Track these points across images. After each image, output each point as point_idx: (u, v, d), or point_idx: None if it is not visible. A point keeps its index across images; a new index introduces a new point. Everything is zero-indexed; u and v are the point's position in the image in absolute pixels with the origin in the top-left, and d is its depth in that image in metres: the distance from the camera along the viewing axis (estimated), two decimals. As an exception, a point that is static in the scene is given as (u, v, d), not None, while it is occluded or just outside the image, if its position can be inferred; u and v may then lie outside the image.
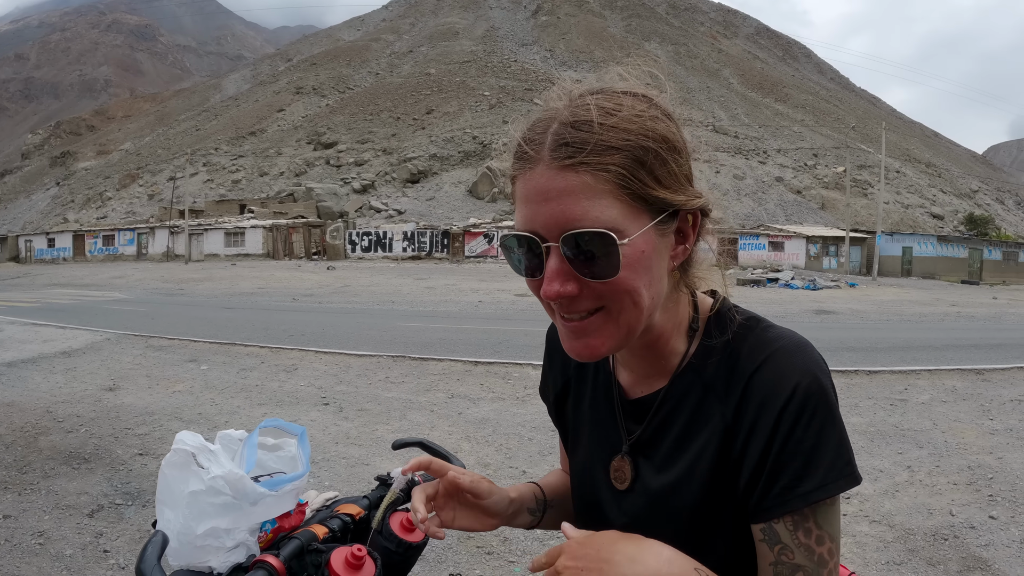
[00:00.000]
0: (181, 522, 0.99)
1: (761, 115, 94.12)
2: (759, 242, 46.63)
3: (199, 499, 0.98)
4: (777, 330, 0.91)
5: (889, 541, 4.02)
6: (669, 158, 0.81)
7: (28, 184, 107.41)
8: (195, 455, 1.01)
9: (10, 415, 6.33)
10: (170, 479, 1.01)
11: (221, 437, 1.09)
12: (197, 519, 0.98)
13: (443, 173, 66.96)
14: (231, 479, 0.98)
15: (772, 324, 0.93)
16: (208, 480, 0.97)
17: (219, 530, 0.98)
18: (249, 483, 1.00)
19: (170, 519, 1.01)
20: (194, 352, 10.23)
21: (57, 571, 3.57)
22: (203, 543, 0.98)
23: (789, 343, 0.87)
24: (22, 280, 33.58)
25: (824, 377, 0.84)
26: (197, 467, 1.00)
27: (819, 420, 0.82)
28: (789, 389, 0.82)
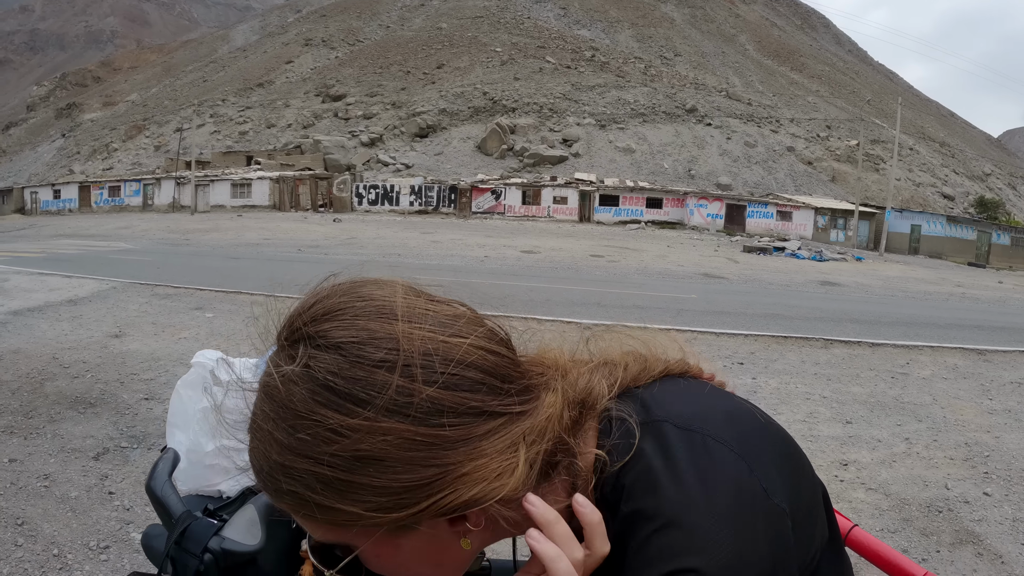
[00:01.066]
0: (192, 440, 0.97)
1: (776, 83, 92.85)
2: (767, 211, 46.35)
3: (207, 417, 0.96)
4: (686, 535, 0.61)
5: (884, 509, 4.07)
6: (349, 480, 0.60)
7: (33, 136, 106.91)
8: (213, 371, 0.99)
9: (16, 362, 6.35)
10: (184, 399, 1.00)
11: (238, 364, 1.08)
12: (208, 436, 0.96)
13: (452, 128, 66.42)
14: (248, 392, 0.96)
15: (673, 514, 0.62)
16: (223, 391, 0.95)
17: (230, 448, 0.96)
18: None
19: (181, 441, 0.99)
20: (200, 300, 10.27)
21: (62, 513, 3.61)
22: (213, 462, 0.96)
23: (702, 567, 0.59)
24: (28, 231, 33.57)
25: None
26: (213, 384, 0.98)
27: None
28: None
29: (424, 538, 0.66)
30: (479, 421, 0.62)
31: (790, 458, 0.72)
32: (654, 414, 0.70)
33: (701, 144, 64.33)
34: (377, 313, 0.63)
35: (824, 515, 0.79)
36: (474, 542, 0.69)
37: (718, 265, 23.79)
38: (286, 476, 0.61)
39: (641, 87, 74.88)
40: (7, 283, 11.38)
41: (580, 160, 59.94)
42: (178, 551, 0.87)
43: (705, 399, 0.75)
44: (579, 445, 0.70)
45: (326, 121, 71.53)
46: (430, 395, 0.60)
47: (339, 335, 0.62)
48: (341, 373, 0.59)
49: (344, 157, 58.28)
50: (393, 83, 78.80)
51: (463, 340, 0.64)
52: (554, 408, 0.68)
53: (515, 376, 0.67)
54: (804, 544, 0.70)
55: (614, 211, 48.79)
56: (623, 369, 0.78)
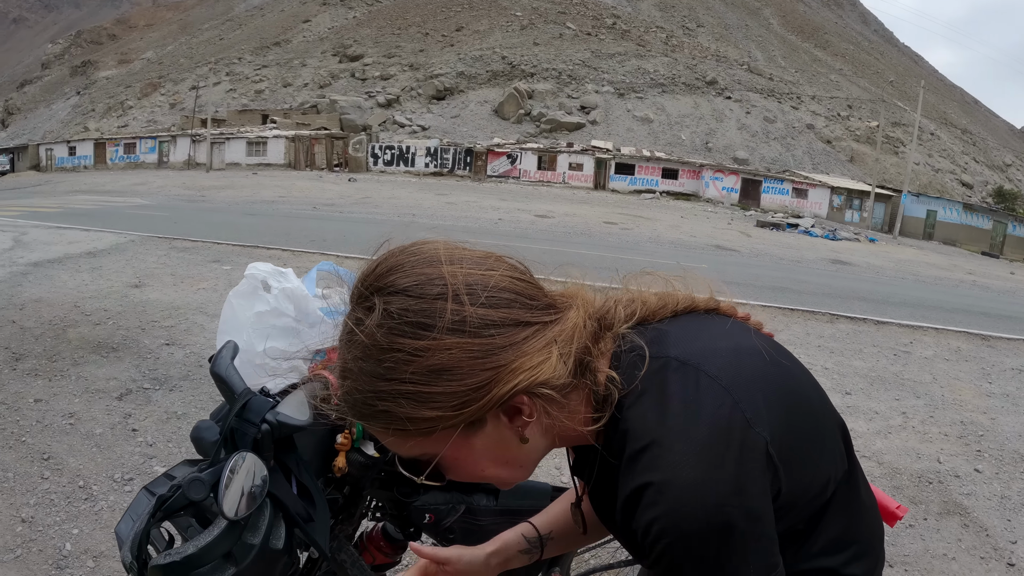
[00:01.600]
0: (244, 341, 1.11)
1: (798, 59, 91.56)
2: (783, 187, 46.06)
3: (264, 319, 1.11)
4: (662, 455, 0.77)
5: (876, 476, 4.17)
6: (426, 391, 0.77)
7: (48, 94, 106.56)
8: (266, 280, 1.14)
9: (39, 310, 6.49)
10: (236, 307, 1.14)
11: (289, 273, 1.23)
12: (260, 338, 1.11)
13: (469, 92, 65.98)
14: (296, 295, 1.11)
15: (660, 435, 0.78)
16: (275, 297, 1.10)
17: (278, 350, 1.11)
18: (312, 302, 1.14)
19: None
20: (217, 253, 10.43)
21: (87, 448, 3.79)
22: (262, 361, 1.11)
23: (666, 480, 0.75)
24: (44, 187, 33.69)
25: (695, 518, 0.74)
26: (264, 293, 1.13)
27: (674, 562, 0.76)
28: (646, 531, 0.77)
29: (491, 437, 0.83)
30: (517, 329, 0.80)
31: (791, 394, 0.86)
32: (663, 349, 0.85)
33: (720, 117, 63.72)
34: (427, 262, 0.80)
35: (841, 450, 0.94)
36: (532, 440, 0.86)
37: (730, 238, 23.77)
38: (379, 399, 0.79)
39: (662, 57, 74.02)
40: (26, 236, 11.48)
41: (597, 128, 59.56)
42: (239, 422, 1.04)
43: (716, 336, 0.90)
44: (597, 362, 0.85)
45: (343, 81, 71.16)
46: (477, 313, 0.77)
47: (403, 282, 0.79)
48: (409, 308, 0.77)
49: (360, 118, 58.10)
50: (411, 44, 78.20)
51: (494, 272, 0.82)
52: (577, 320, 0.84)
53: (539, 296, 0.85)
54: (799, 470, 0.84)
55: (629, 180, 48.58)
56: (642, 302, 0.93)
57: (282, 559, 1.08)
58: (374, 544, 1.83)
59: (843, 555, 0.94)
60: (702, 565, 0.76)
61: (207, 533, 0.99)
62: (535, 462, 0.91)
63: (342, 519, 1.59)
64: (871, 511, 1.01)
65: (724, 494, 0.74)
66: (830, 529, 0.92)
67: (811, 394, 0.91)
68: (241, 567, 1.01)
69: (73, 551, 2.90)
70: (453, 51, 74.26)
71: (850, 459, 0.96)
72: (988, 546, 3.44)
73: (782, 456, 0.80)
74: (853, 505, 0.96)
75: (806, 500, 0.87)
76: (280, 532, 1.07)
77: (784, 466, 0.81)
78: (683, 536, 0.75)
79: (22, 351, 5.25)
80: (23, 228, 12.72)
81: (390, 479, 1.58)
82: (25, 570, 2.76)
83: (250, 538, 1.02)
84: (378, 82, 68.94)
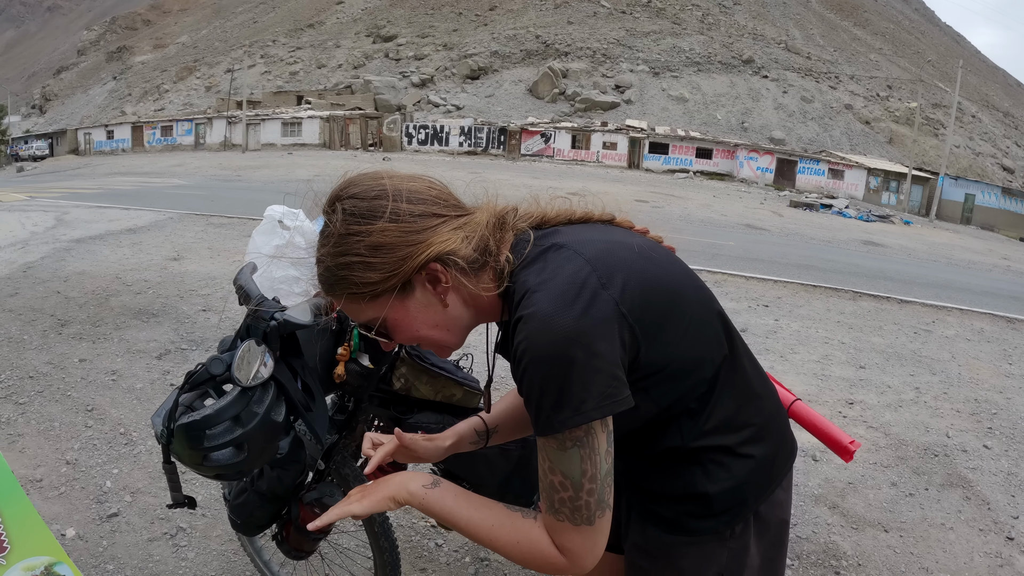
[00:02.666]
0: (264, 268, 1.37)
1: (837, 38, 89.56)
2: (819, 167, 45.32)
3: (280, 251, 1.38)
4: (532, 297, 1.03)
5: (881, 446, 4.22)
6: (370, 260, 1.06)
7: (85, 80, 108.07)
8: (282, 219, 1.39)
9: (82, 281, 6.77)
10: (257, 242, 1.41)
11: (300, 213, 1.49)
12: (277, 267, 1.37)
13: (503, 71, 65.81)
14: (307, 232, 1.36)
15: (534, 286, 1.05)
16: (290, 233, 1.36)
17: (291, 277, 1.38)
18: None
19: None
20: (252, 228, 10.66)
21: (128, 400, 4.05)
22: (278, 287, 1.36)
23: (531, 312, 1.01)
24: (83, 170, 34.37)
25: (546, 342, 0.98)
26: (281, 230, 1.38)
27: (531, 378, 1.00)
28: (516, 352, 1.03)
29: (420, 302, 1.11)
30: (433, 219, 1.09)
31: (652, 279, 1.09)
32: (553, 240, 1.12)
33: (756, 96, 62.83)
34: (372, 178, 1.12)
35: (719, 335, 1.18)
36: (453, 307, 1.13)
37: (761, 217, 23.62)
38: (339, 270, 1.08)
39: (697, 35, 73.09)
40: (68, 215, 11.78)
41: (632, 107, 59.11)
42: (254, 319, 1.29)
43: (597, 233, 1.17)
44: (499, 247, 1.13)
45: (377, 62, 71.41)
46: (404, 208, 1.08)
47: (354, 190, 1.10)
48: (358, 206, 1.08)
49: (395, 97, 58.34)
50: (445, 24, 78.13)
51: (417, 183, 1.13)
52: (481, 218, 1.13)
53: (453, 201, 1.15)
54: (659, 339, 1.08)
55: (663, 159, 48.26)
56: (540, 210, 1.22)
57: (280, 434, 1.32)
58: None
59: (737, 436, 1.17)
60: (550, 384, 0.99)
61: (222, 399, 1.24)
62: (462, 329, 1.18)
63: (345, 435, 1.81)
64: (765, 399, 1.24)
65: (569, 329, 0.98)
66: (720, 410, 1.15)
67: (679, 283, 1.15)
68: (247, 429, 1.25)
69: (113, 488, 3.15)
70: (487, 30, 74.06)
71: (731, 345, 1.18)
72: (988, 519, 3.45)
73: (636, 318, 1.04)
74: (740, 389, 1.19)
75: (682, 371, 1.11)
76: (280, 409, 1.33)
77: (640, 326, 1.04)
78: (535, 359, 0.99)
79: (67, 318, 5.55)
80: (64, 208, 13.06)
81: (387, 399, 1.79)
82: (68, 504, 3.00)
83: (256, 408, 1.27)
84: (412, 62, 69.06)
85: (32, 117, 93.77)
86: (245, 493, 1.71)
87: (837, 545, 3.13)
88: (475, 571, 2.75)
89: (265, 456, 1.39)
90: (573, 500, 1.02)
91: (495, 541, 1.09)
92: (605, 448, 1.03)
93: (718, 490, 1.16)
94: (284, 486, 1.69)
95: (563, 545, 1.04)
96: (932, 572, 2.98)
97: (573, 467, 1.02)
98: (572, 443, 1.01)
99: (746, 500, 1.18)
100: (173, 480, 1.41)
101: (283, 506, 1.82)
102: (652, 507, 1.22)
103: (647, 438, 1.16)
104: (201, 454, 1.29)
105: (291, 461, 1.60)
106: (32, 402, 3.97)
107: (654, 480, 1.20)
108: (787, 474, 1.27)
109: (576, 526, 1.03)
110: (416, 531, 2.97)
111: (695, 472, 1.16)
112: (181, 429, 1.24)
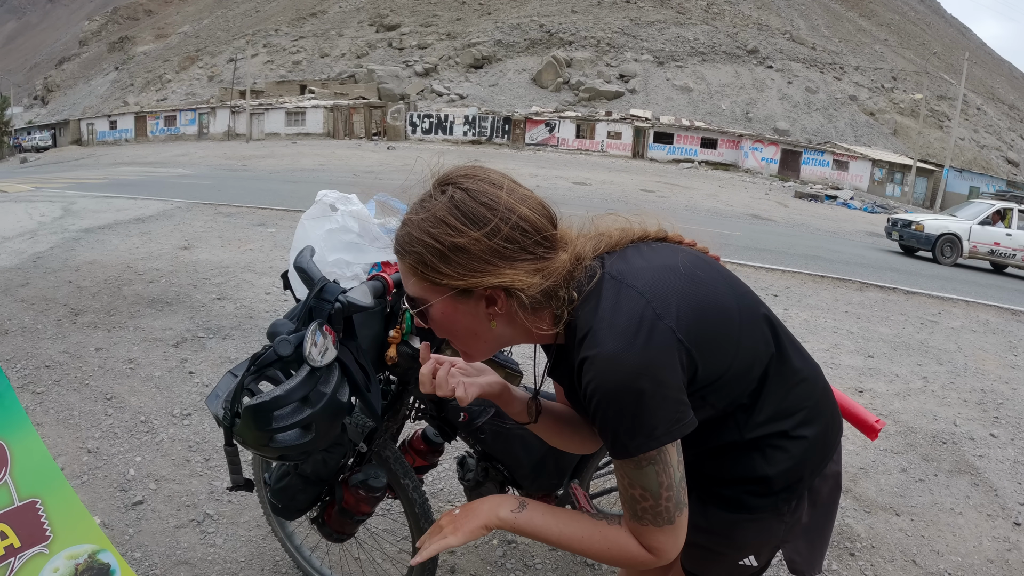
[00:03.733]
0: (317, 253, 1.40)
1: (842, 29, 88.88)
2: (823, 159, 45.18)
3: (333, 235, 1.41)
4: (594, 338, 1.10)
5: (891, 433, 4.28)
6: (448, 255, 1.10)
7: (87, 70, 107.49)
8: (334, 204, 1.42)
9: (93, 270, 6.76)
10: (308, 228, 1.45)
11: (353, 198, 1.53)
12: (330, 251, 1.41)
13: (507, 60, 65.54)
14: (361, 216, 1.40)
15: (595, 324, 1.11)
16: (342, 216, 1.39)
17: (343, 261, 1.41)
18: (373, 221, 1.42)
19: None
20: (262, 218, 10.75)
21: (147, 388, 4.08)
22: (330, 270, 1.40)
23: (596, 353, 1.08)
24: (87, 160, 34.36)
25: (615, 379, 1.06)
26: (333, 213, 1.41)
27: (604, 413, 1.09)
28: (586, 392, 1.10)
29: (470, 310, 1.17)
30: (523, 254, 1.13)
31: (702, 299, 1.16)
32: (607, 270, 1.17)
33: (761, 87, 62.55)
34: (493, 183, 1.15)
35: (767, 336, 1.25)
36: (498, 328, 1.20)
37: (767, 208, 23.62)
38: (418, 243, 1.12)
39: (702, 25, 72.72)
40: (75, 205, 11.75)
41: (636, 96, 58.89)
42: (317, 301, 1.34)
43: (648, 258, 1.23)
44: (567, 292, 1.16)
45: (380, 51, 71.15)
46: (503, 230, 1.11)
47: (470, 185, 1.14)
48: (466, 203, 1.11)
49: (398, 87, 58.18)
50: (448, 13, 77.78)
51: (528, 210, 1.15)
52: (562, 264, 1.16)
53: (549, 235, 1.17)
54: (714, 352, 1.15)
55: (668, 149, 48.14)
56: (608, 237, 1.25)
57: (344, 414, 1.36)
58: (414, 448, 2.11)
59: (791, 420, 1.26)
60: (622, 415, 1.08)
61: (291, 380, 1.28)
62: (497, 346, 1.25)
63: (388, 417, 1.85)
64: (812, 382, 1.32)
65: (634, 363, 1.06)
66: (770, 401, 1.23)
67: (725, 299, 1.21)
68: (315, 409, 1.30)
69: (136, 476, 3.18)
70: (490, 19, 73.73)
71: (778, 343, 1.26)
72: (996, 505, 3.52)
73: (692, 340, 1.11)
74: (788, 377, 1.26)
75: (735, 377, 1.18)
76: (345, 390, 1.38)
77: (696, 348, 1.12)
78: (606, 394, 1.07)
79: (80, 307, 5.56)
80: (71, 198, 13.02)
81: None
82: (92, 493, 3.03)
83: (323, 388, 1.32)
84: (415, 51, 68.82)
85: (35, 108, 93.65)
86: (287, 477, 1.74)
87: (851, 528, 3.19)
88: (503, 553, 2.80)
89: (329, 436, 1.43)
90: (654, 508, 1.12)
91: (588, 550, 1.18)
92: (676, 459, 1.13)
93: (777, 471, 1.25)
94: (328, 469, 1.74)
95: (650, 545, 1.15)
96: (943, 555, 3.04)
97: (650, 481, 1.11)
98: (647, 462, 1.10)
99: (803, 477, 1.27)
100: (234, 463, 1.46)
101: (324, 489, 1.86)
102: (713, 488, 1.30)
103: (705, 435, 1.24)
104: (268, 435, 1.33)
105: (336, 444, 1.64)
106: (50, 391, 4.00)
107: (714, 467, 1.29)
108: (837, 447, 1.37)
109: (659, 527, 1.13)
110: (444, 514, 3.01)
111: (754, 457, 1.24)
112: (249, 411, 1.27)
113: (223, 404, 1.30)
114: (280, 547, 2.63)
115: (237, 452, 1.44)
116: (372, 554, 2.61)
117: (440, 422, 2.01)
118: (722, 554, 1.34)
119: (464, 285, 1.12)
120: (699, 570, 1.40)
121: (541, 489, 2.19)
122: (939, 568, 2.94)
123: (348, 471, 1.87)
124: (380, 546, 2.65)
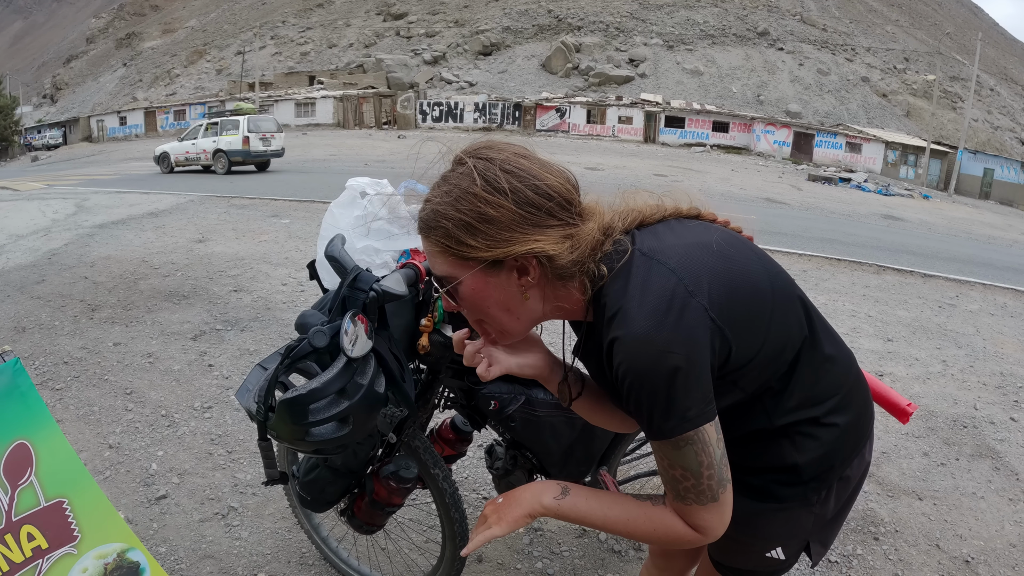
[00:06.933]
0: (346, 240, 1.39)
1: (854, 9, 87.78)
2: (836, 141, 44.72)
3: (362, 222, 1.38)
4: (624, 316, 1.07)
5: (913, 417, 4.20)
6: (475, 226, 1.08)
7: (95, 67, 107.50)
8: (364, 190, 1.40)
9: (109, 265, 6.80)
10: (337, 215, 1.42)
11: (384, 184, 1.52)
12: (359, 237, 1.38)
13: (516, 47, 65.24)
14: (391, 202, 1.37)
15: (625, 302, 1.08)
16: (371, 202, 1.37)
17: (372, 248, 1.39)
18: (402, 206, 1.41)
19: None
20: (275, 209, 10.76)
21: (167, 382, 4.11)
22: (359, 257, 1.38)
23: (626, 332, 1.06)
24: (98, 157, 34.37)
25: (646, 359, 1.03)
26: (362, 200, 1.40)
27: (637, 394, 1.06)
28: (618, 373, 1.08)
29: (502, 283, 1.14)
30: (550, 220, 1.11)
31: (734, 277, 1.13)
32: (638, 246, 1.15)
33: (772, 69, 62.02)
34: (516, 153, 1.13)
35: (800, 318, 1.22)
36: (531, 301, 1.17)
37: (781, 191, 23.44)
38: (444, 218, 1.10)
39: (711, 7, 72.06)
40: (88, 202, 11.78)
41: (646, 81, 58.55)
42: (350, 290, 1.32)
43: (680, 234, 1.20)
44: (596, 265, 1.14)
45: (388, 40, 70.97)
46: (530, 196, 1.09)
47: (493, 155, 1.12)
48: (491, 171, 1.09)
49: (407, 75, 58.04)
50: (455, 1, 77.48)
51: (552, 176, 1.12)
52: (591, 232, 1.14)
53: (575, 202, 1.15)
54: (746, 332, 1.12)
55: (679, 133, 47.91)
56: (638, 212, 1.22)
57: (380, 405, 1.35)
58: (443, 437, 2.10)
59: (822, 407, 1.22)
60: (655, 396, 1.05)
61: (327, 372, 1.27)
62: (531, 321, 1.21)
63: (418, 406, 1.85)
64: (844, 368, 1.28)
65: (667, 342, 1.03)
66: (800, 385, 1.20)
67: (758, 277, 1.18)
68: (353, 401, 1.28)
69: (159, 470, 3.20)
70: (498, 6, 73.32)
71: (811, 326, 1.23)
72: (1017, 489, 3.49)
73: (725, 320, 1.09)
74: (819, 363, 1.23)
75: (767, 359, 1.15)
76: (381, 381, 1.36)
77: (729, 328, 1.09)
78: (638, 375, 1.05)
79: (97, 302, 5.60)
80: (84, 195, 13.07)
81: (462, 370, 1.83)
82: (115, 488, 3.04)
83: (360, 379, 1.30)
84: (423, 39, 68.60)
85: (44, 107, 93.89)
86: (317, 469, 1.73)
87: (875, 512, 3.18)
88: (529, 541, 2.80)
89: (366, 429, 1.41)
90: (696, 487, 1.11)
91: (633, 532, 1.17)
92: (716, 437, 1.10)
93: (807, 460, 1.22)
94: (359, 460, 1.73)
95: (696, 524, 1.13)
96: (965, 539, 3.03)
97: (690, 461, 1.09)
98: (685, 443, 1.08)
99: (833, 466, 1.25)
100: (268, 457, 1.44)
101: (353, 481, 1.86)
102: (740, 477, 1.26)
103: (734, 421, 1.22)
104: (304, 430, 1.31)
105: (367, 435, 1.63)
106: (69, 387, 4.02)
107: (742, 455, 1.26)
108: (869, 438, 1.34)
109: (704, 505, 1.12)
110: (468, 503, 3.01)
111: (784, 445, 1.22)
112: (284, 405, 1.25)
113: (255, 398, 1.27)
114: (306, 539, 2.63)
115: (272, 446, 1.44)
116: (399, 544, 2.62)
117: (470, 410, 2.00)
118: (749, 545, 1.32)
119: (494, 255, 1.09)
120: (726, 560, 1.39)
121: (569, 476, 2.18)
122: (962, 552, 2.93)
123: (377, 462, 1.86)
124: (407, 535, 2.66)
